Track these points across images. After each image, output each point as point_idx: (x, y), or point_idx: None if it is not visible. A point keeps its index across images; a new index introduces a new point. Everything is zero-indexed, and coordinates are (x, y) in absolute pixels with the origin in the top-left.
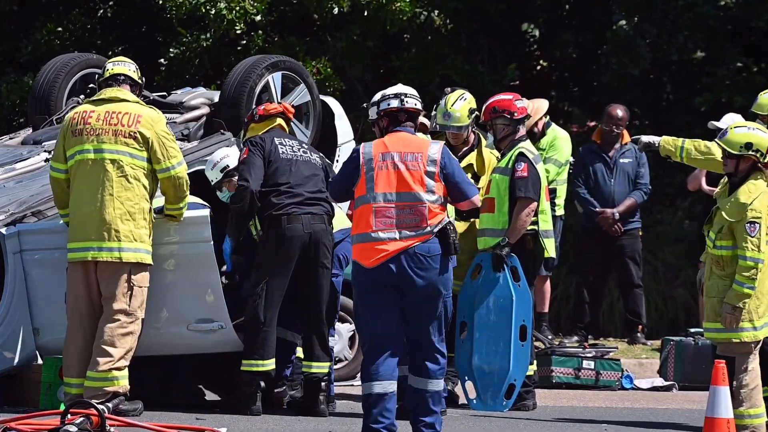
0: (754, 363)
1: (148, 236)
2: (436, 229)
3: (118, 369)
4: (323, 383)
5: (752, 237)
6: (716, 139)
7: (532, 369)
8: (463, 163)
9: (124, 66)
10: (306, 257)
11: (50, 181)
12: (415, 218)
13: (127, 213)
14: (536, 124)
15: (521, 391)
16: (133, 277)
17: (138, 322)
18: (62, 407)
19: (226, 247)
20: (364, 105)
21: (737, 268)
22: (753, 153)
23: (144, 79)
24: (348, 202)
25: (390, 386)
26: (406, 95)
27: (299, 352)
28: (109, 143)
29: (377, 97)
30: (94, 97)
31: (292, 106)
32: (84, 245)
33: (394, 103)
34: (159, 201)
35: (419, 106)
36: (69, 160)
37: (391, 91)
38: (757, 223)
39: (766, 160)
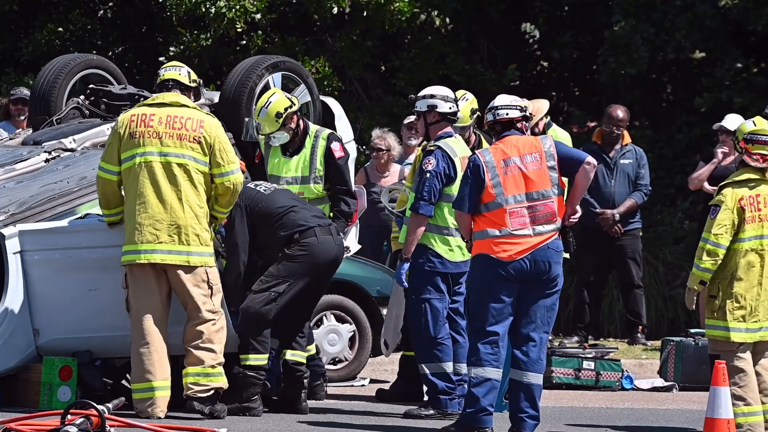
0: (742, 362)
1: (210, 240)
2: (560, 225)
3: (220, 364)
4: (305, 380)
5: (711, 218)
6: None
7: None
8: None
9: (173, 71)
10: (329, 268)
11: (99, 182)
12: (546, 213)
13: (196, 217)
14: (537, 124)
15: None
16: (210, 278)
17: (224, 317)
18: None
19: None
20: (411, 96)
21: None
22: (734, 138)
23: (200, 81)
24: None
25: (499, 373)
26: (496, 108)
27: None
28: (174, 147)
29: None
30: (150, 101)
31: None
32: (151, 247)
33: (489, 117)
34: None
35: (512, 114)
36: (126, 161)
37: (494, 102)
38: (718, 206)
39: (739, 145)
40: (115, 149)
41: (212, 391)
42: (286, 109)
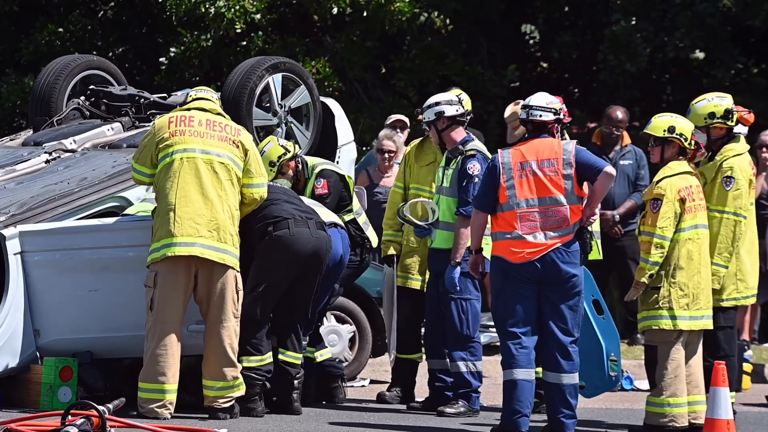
0: (676, 354)
1: (238, 244)
2: (575, 229)
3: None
4: (297, 381)
5: (653, 212)
6: (642, 131)
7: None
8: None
9: (207, 93)
10: (309, 262)
11: (134, 180)
12: (558, 219)
13: (231, 217)
14: None
15: None
16: (238, 282)
17: (239, 322)
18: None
19: None
20: (417, 110)
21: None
22: (677, 137)
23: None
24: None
25: (529, 374)
26: (532, 107)
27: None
28: (215, 147)
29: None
30: (188, 106)
31: (291, 107)
32: (191, 240)
33: (522, 115)
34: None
35: (545, 117)
36: (164, 159)
37: (530, 102)
38: (660, 200)
39: (691, 146)
40: (149, 152)
41: (233, 400)
42: (279, 158)
